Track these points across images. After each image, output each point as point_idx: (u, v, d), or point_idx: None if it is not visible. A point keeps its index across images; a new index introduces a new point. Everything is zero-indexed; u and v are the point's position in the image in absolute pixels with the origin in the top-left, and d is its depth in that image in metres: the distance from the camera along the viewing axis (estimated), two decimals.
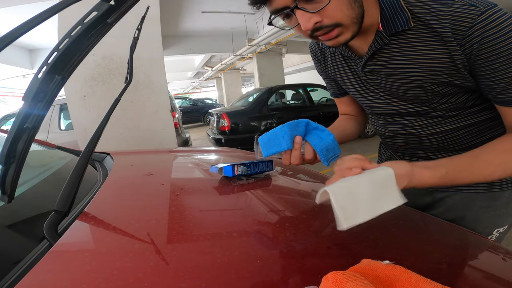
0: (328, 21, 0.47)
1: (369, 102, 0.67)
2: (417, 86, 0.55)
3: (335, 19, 0.47)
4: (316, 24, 0.47)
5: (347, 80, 0.67)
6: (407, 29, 0.51)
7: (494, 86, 0.49)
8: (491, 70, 0.47)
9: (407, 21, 0.50)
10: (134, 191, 0.68)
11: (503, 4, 0.59)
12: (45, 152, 1.00)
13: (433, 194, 0.72)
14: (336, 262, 0.41)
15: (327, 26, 0.47)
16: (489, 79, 0.49)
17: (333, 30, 0.48)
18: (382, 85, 0.60)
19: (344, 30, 0.48)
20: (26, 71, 8.59)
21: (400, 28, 0.51)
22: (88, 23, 0.42)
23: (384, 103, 0.64)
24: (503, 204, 0.66)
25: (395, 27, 0.51)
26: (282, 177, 0.79)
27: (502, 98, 0.49)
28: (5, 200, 0.44)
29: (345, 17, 0.47)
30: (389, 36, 0.53)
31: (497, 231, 0.68)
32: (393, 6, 0.50)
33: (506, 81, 0.47)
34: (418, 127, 0.63)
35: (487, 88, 0.50)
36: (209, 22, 7.48)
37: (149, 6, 0.81)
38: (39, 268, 0.37)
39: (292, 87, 5.80)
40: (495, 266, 0.45)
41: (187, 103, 12.60)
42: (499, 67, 0.46)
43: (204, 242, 0.44)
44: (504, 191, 0.65)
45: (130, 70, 0.70)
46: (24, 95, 0.39)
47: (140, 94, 2.36)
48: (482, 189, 0.66)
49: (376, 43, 0.54)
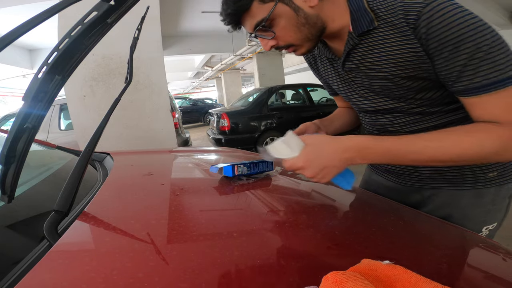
0: (282, 43, 0.58)
1: (354, 100, 0.71)
2: (388, 81, 0.59)
3: (286, 41, 0.58)
4: (273, 46, 0.59)
5: (333, 80, 0.73)
6: (372, 28, 0.56)
7: (449, 75, 0.50)
8: (442, 59, 0.49)
9: (371, 21, 0.55)
10: (134, 191, 0.68)
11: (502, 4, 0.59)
12: (45, 152, 1.00)
13: (421, 192, 0.73)
14: (336, 262, 0.41)
15: (282, 46, 0.59)
16: (442, 69, 0.50)
17: (289, 48, 0.59)
18: (362, 82, 0.64)
19: (297, 47, 0.59)
20: (26, 71, 8.59)
21: (365, 28, 0.56)
22: (88, 23, 0.42)
23: (366, 100, 0.68)
24: (489, 201, 0.66)
25: (362, 27, 0.56)
26: (282, 177, 0.79)
27: (459, 87, 0.50)
28: (5, 200, 0.44)
29: (295, 39, 0.57)
30: (358, 36, 0.58)
31: (486, 228, 0.68)
32: (359, 9, 0.56)
33: (457, 69, 0.48)
34: (399, 125, 0.66)
35: (445, 78, 0.52)
36: (209, 22, 7.48)
37: (149, 6, 0.81)
38: (39, 268, 0.37)
39: (292, 87, 5.80)
40: (495, 266, 0.45)
41: (187, 103, 12.60)
42: (448, 56, 0.48)
43: (204, 242, 0.44)
44: (489, 188, 0.66)
45: (130, 70, 0.70)
46: (24, 95, 0.39)
47: (140, 94, 2.36)
48: (465, 186, 0.67)
49: (348, 44, 0.59)
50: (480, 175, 0.65)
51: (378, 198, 0.71)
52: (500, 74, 0.45)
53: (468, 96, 0.50)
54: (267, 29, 0.56)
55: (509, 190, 0.68)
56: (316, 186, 0.79)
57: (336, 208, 0.63)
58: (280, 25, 0.55)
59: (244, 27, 0.58)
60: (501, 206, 0.68)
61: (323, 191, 0.75)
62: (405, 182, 0.75)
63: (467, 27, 0.46)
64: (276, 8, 0.53)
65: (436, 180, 0.70)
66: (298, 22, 0.55)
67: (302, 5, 0.54)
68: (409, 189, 0.75)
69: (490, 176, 0.65)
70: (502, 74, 0.45)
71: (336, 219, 0.56)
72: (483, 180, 0.66)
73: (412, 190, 0.75)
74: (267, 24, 0.55)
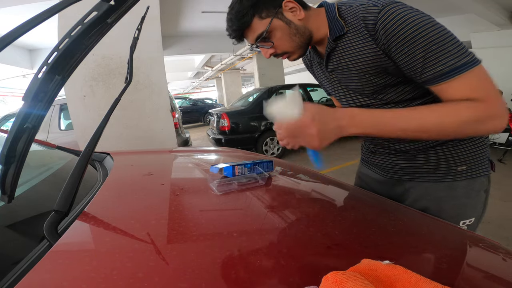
0: (279, 51, 0.69)
1: (338, 98, 0.81)
2: (359, 78, 0.68)
3: (282, 49, 0.68)
4: (272, 54, 0.69)
5: (322, 81, 0.84)
6: (343, 34, 0.65)
7: (414, 68, 0.57)
8: (404, 55, 0.56)
9: (342, 28, 0.65)
10: (134, 191, 0.68)
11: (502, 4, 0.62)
12: (45, 152, 1.00)
13: (403, 184, 0.79)
14: (336, 262, 0.41)
15: (279, 54, 0.70)
16: (407, 63, 0.57)
17: (283, 55, 0.70)
18: (342, 81, 0.73)
19: (291, 54, 0.70)
20: (26, 71, 8.58)
21: (337, 34, 0.66)
22: (88, 23, 0.42)
23: (346, 98, 0.77)
24: (462, 194, 0.71)
25: (335, 33, 0.66)
26: (282, 177, 0.79)
27: (427, 77, 0.56)
28: (5, 200, 0.44)
29: (289, 48, 0.68)
30: (333, 41, 0.67)
31: (464, 223, 0.71)
32: (333, 18, 0.66)
33: (420, 61, 0.55)
34: None
35: (410, 72, 0.58)
36: (209, 22, 7.47)
37: (149, 6, 0.81)
38: (39, 268, 0.37)
39: (292, 87, 5.79)
40: (495, 266, 0.45)
41: (187, 103, 12.60)
42: (408, 52, 0.55)
43: (204, 242, 0.44)
44: (461, 181, 0.71)
45: (130, 70, 0.70)
46: (24, 95, 0.39)
47: (140, 94, 2.36)
48: (438, 178, 0.72)
49: (327, 47, 0.70)
50: (451, 168, 0.71)
51: (377, 198, 0.71)
52: (457, 61, 0.53)
53: (436, 83, 0.56)
54: (267, 40, 0.67)
55: (483, 184, 0.72)
56: (316, 186, 0.79)
57: (336, 208, 0.63)
58: (277, 36, 0.66)
59: (247, 40, 0.69)
60: (477, 201, 0.71)
61: (323, 191, 0.75)
62: (389, 175, 0.82)
63: (417, 25, 0.53)
64: (272, 22, 0.64)
65: (413, 172, 0.76)
66: (291, 32, 0.66)
67: (292, 19, 0.65)
68: (392, 181, 0.82)
69: (460, 169, 0.71)
70: (458, 61, 0.53)
71: (336, 219, 0.56)
72: (453, 174, 0.71)
73: (395, 183, 0.81)
74: (266, 36, 0.66)
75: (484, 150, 0.72)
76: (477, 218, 0.72)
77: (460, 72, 0.53)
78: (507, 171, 3.46)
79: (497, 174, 0.78)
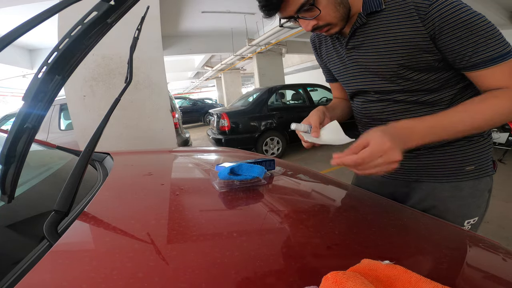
0: (322, 22, 0.65)
1: (347, 80, 0.79)
2: (384, 57, 0.67)
3: (325, 21, 0.65)
4: (314, 26, 0.65)
5: (332, 61, 0.82)
6: (380, 10, 0.64)
7: (464, 52, 0.58)
8: (456, 39, 0.58)
9: (380, 3, 0.64)
10: (134, 191, 0.68)
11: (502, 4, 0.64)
12: (45, 152, 1.00)
13: (407, 184, 0.78)
14: (336, 262, 0.41)
15: (321, 26, 0.65)
16: (457, 46, 0.58)
17: (325, 27, 0.66)
18: (360, 60, 0.72)
19: (333, 26, 0.66)
20: (26, 71, 8.59)
21: (374, 9, 0.65)
22: (88, 23, 0.42)
23: (358, 80, 0.75)
24: (468, 194, 0.71)
25: (371, 8, 0.65)
26: (282, 177, 0.79)
27: (475, 61, 0.58)
28: (5, 200, 0.44)
29: (333, 18, 0.65)
30: (366, 16, 0.66)
31: (468, 223, 0.71)
32: None
33: (472, 45, 0.57)
34: (389, 113, 0.73)
35: (459, 56, 0.59)
36: (209, 22, 7.48)
37: (149, 6, 0.81)
38: (39, 268, 0.37)
39: (292, 87, 5.80)
40: (495, 266, 0.45)
41: (187, 103, 12.59)
42: (463, 35, 0.57)
43: (204, 242, 0.44)
44: (467, 181, 0.71)
45: (130, 70, 0.70)
46: (24, 95, 0.39)
47: (140, 94, 2.36)
48: (445, 178, 0.72)
49: (357, 23, 0.68)
50: (459, 168, 0.71)
51: (377, 198, 0.71)
52: (503, 49, 0.56)
53: (482, 68, 0.58)
54: (311, 9, 0.62)
55: (487, 184, 0.72)
56: (316, 186, 0.79)
57: (336, 208, 0.63)
58: (322, 4, 0.62)
59: (283, 12, 0.63)
60: (481, 200, 0.72)
61: (323, 191, 0.75)
62: (392, 175, 0.80)
63: (470, 14, 0.56)
64: None
65: (420, 172, 0.75)
66: (336, 1, 0.63)
67: None
68: (396, 181, 0.80)
69: (468, 169, 0.70)
70: (505, 49, 0.56)
71: (336, 219, 0.56)
72: (461, 174, 0.71)
73: (400, 183, 0.80)
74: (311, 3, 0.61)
75: (490, 150, 0.72)
76: (480, 217, 0.73)
77: (506, 59, 0.56)
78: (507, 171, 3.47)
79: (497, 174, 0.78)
